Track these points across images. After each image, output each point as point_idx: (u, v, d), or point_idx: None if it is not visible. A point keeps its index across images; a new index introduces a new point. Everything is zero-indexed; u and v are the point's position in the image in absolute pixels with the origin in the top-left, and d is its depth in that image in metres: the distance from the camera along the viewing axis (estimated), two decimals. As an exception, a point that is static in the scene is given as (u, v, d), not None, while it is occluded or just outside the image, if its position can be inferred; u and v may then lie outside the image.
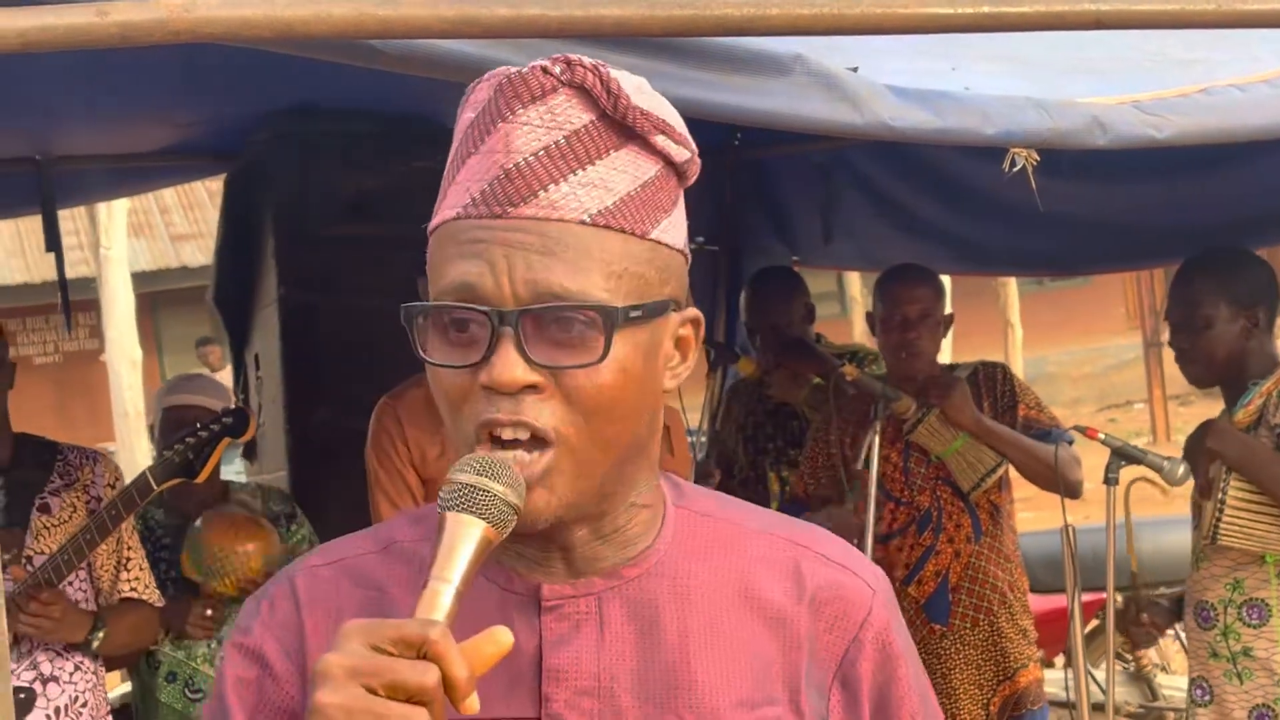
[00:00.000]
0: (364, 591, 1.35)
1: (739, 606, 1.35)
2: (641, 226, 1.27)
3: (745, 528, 1.39)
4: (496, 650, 1.16)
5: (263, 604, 1.37)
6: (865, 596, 1.38)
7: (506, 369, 1.22)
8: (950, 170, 5.01)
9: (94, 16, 1.68)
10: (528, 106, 1.25)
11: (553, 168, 1.24)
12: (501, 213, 1.23)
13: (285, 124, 4.88)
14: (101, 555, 3.78)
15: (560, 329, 1.23)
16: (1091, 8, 2.16)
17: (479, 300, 1.23)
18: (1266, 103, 2.79)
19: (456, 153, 1.29)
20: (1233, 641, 3.65)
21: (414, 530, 1.38)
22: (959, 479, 4.37)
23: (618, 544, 1.34)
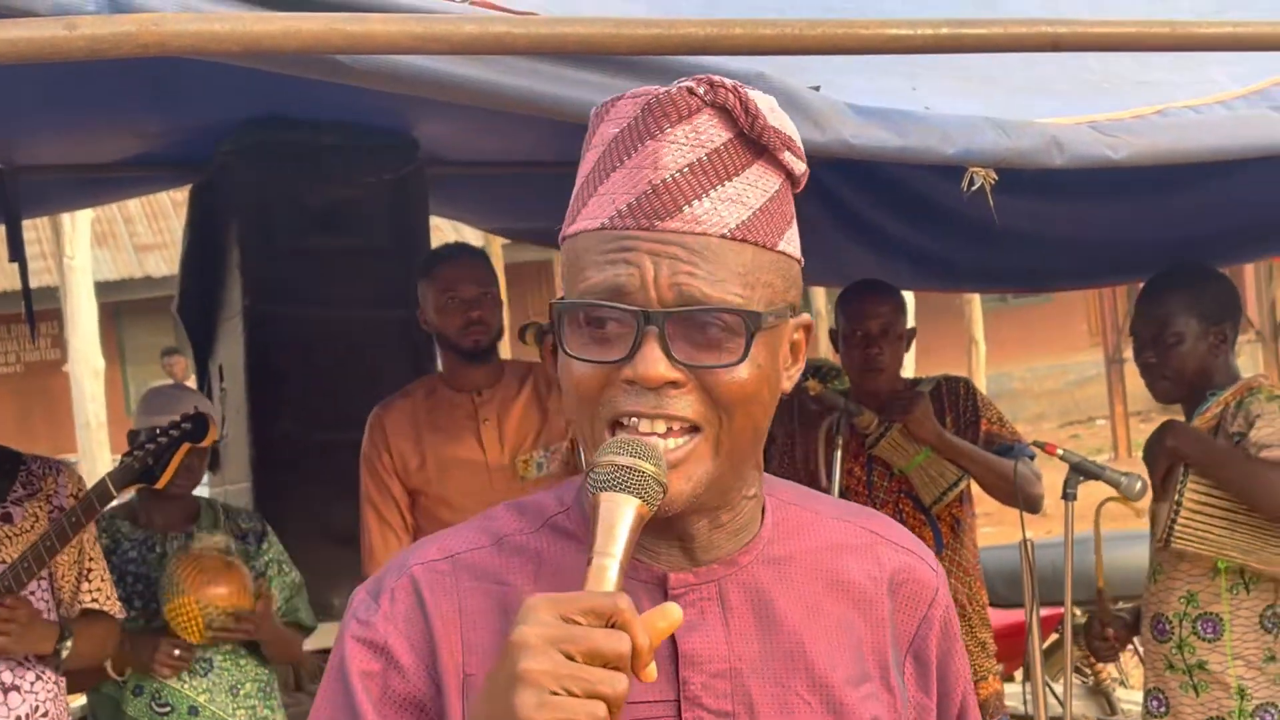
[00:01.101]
0: (485, 585, 1.41)
1: (832, 589, 1.46)
2: (771, 239, 1.37)
3: (824, 515, 1.51)
4: (668, 625, 1.23)
5: (382, 598, 1.41)
6: (933, 579, 1.52)
7: (651, 364, 1.31)
8: (915, 187, 5.04)
9: (62, 29, 1.70)
10: (675, 125, 1.33)
11: (696, 184, 1.33)
12: (649, 226, 1.32)
13: (252, 135, 4.88)
14: (63, 566, 3.77)
15: (701, 331, 1.32)
16: (1049, 30, 2.19)
17: (626, 301, 1.32)
18: (1221, 124, 2.83)
19: (599, 164, 1.37)
20: (1188, 654, 3.69)
21: (521, 522, 1.45)
22: (921, 493, 4.40)
23: (730, 532, 1.42)
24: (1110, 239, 4.87)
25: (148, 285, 17.78)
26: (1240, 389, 3.67)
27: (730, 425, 1.34)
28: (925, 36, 2.16)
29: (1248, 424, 3.56)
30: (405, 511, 4.20)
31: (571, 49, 1.94)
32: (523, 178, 5.65)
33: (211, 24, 1.70)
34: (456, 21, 1.88)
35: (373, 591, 1.42)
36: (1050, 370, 20.99)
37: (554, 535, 1.44)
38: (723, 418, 1.34)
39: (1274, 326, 16.88)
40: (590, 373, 1.34)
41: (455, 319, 4.11)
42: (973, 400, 4.49)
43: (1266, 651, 3.61)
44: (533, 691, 1.16)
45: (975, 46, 2.18)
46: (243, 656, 4.25)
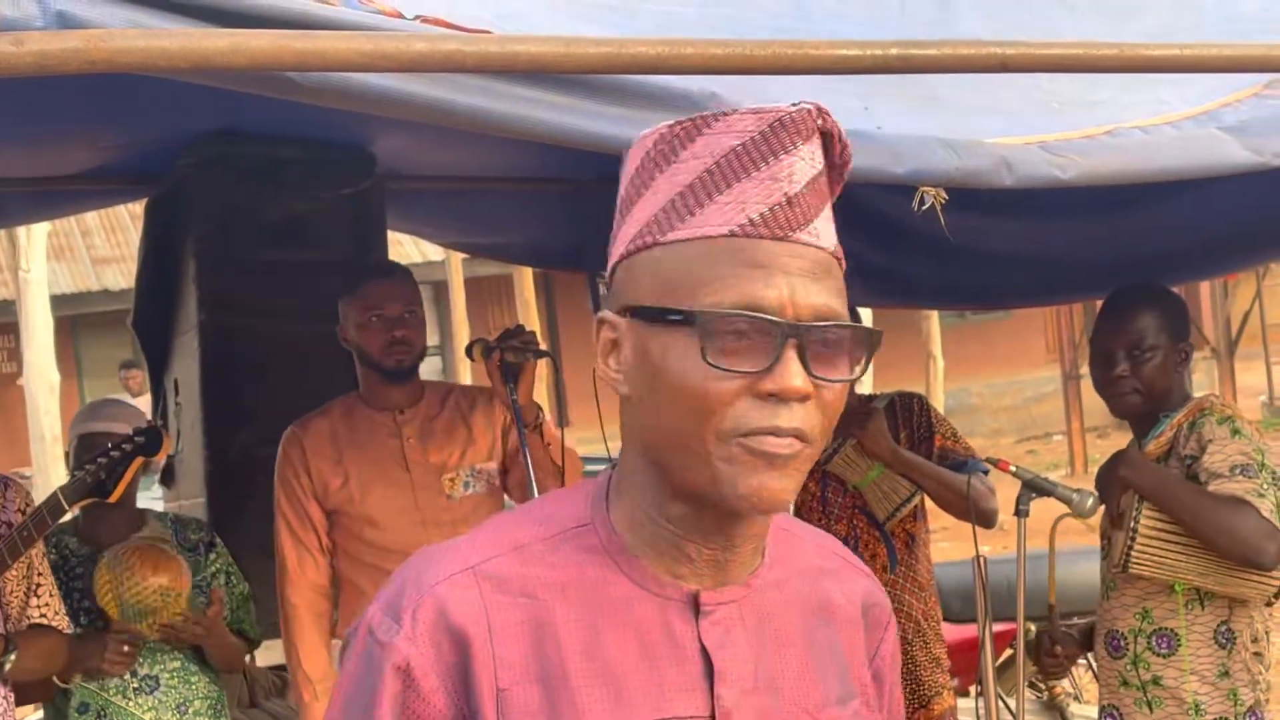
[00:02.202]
0: (511, 599, 1.40)
1: (820, 612, 1.51)
2: (843, 261, 1.42)
3: (804, 539, 1.56)
4: None
5: (403, 616, 1.39)
6: (886, 601, 1.60)
7: (793, 378, 1.33)
8: (871, 205, 5.06)
9: (9, 45, 1.69)
10: (806, 142, 1.37)
11: (816, 201, 1.38)
12: (784, 236, 1.35)
13: (210, 149, 4.86)
14: (11, 581, 3.74)
15: (829, 347, 1.36)
16: (998, 51, 2.22)
17: (767, 313, 1.34)
18: (1170, 145, 2.86)
19: (712, 172, 1.37)
20: (1142, 670, 3.71)
21: (533, 529, 1.44)
22: (874, 508, 4.42)
23: (752, 550, 1.46)
24: (1064, 257, 4.91)
25: (105, 299, 17.69)
26: (1192, 410, 3.70)
27: (823, 437, 1.39)
28: (875, 57, 2.18)
29: (1200, 447, 3.59)
30: (322, 533, 4.15)
31: (522, 67, 1.95)
32: (481, 193, 5.65)
33: (160, 40, 1.69)
34: (407, 39, 1.88)
35: (392, 610, 1.40)
36: (1008, 386, 21.10)
37: (574, 548, 1.43)
38: (823, 430, 1.38)
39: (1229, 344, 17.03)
40: (720, 383, 1.34)
41: (378, 337, 4.06)
42: (927, 416, 4.52)
43: (1220, 666, 3.64)
44: None
45: (925, 67, 2.20)
46: (192, 674, 4.22)
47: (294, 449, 4.15)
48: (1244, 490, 3.45)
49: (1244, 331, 17.27)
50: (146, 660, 4.15)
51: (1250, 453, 3.55)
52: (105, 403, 4.57)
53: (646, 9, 2.70)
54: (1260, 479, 3.48)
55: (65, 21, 1.77)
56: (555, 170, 5.14)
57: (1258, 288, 17.55)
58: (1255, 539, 3.41)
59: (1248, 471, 3.50)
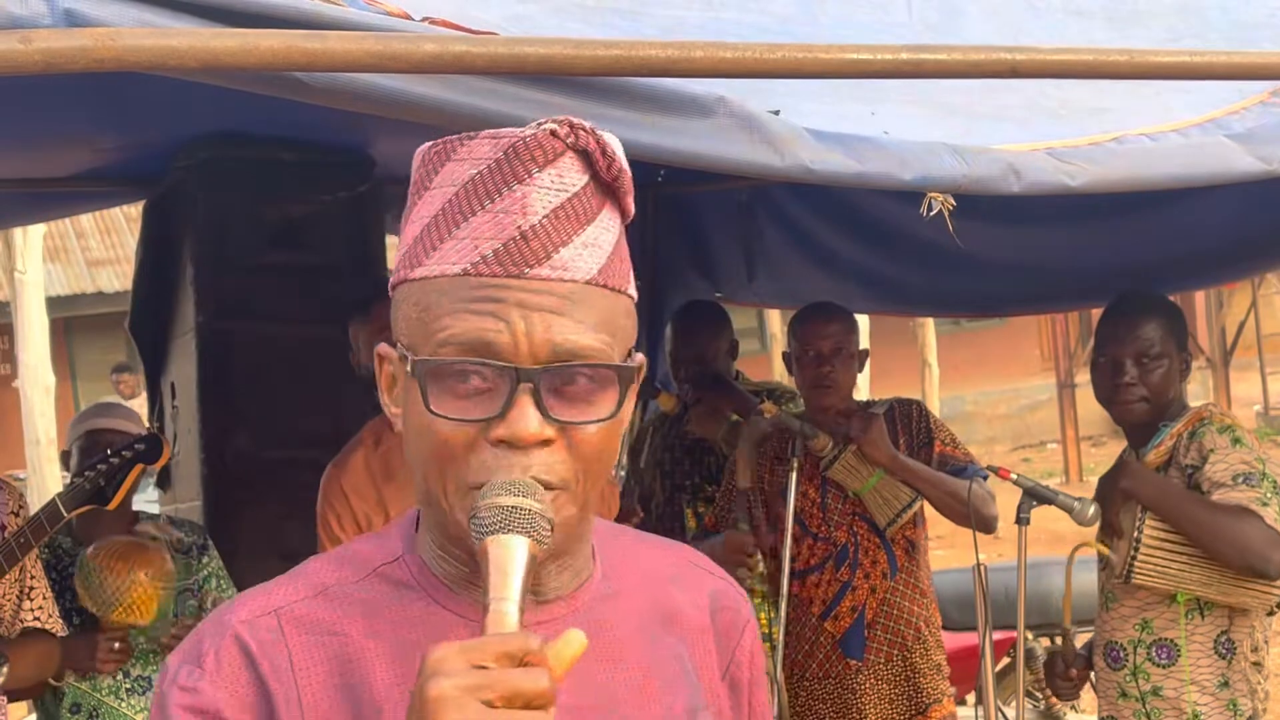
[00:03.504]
0: (315, 637, 1.35)
1: (664, 620, 1.45)
2: (623, 284, 1.35)
3: (641, 546, 1.51)
4: (573, 653, 1.20)
5: (205, 660, 1.33)
6: (745, 607, 1.53)
7: (527, 424, 1.27)
8: (871, 211, 5.07)
9: (17, 44, 1.68)
10: (542, 169, 1.29)
11: (562, 229, 1.29)
12: (519, 273, 1.28)
13: (208, 151, 4.85)
14: (4, 584, 3.72)
15: (574, 385, 1.29)
16: (1007, 57, 2.21)
17: (497, 357, 1.27)
18: (1176, 152, 2.85)
19: (451, 205, 1.31)
20: (1142, 681, 3.70)
21: (342, 572, 1.39)
22: (875, 515, 4.41)
23: (572, 573, 1.40)
24: (1063, 265, 4.91)
25: (99, 301, 17.66)
26: (1192, 419, 3.70)
27: (588, 478, 1.31)
28: (885, 62, 2.17)
29: (1201, 457, 3.59)
30: None
31: (531, 69, 1.94)
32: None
33: (169, 39, 1.68)
34: (416, 40, 1.87)
35: (191, 656, 1.34)
36: (1002, 394, 21.11)
37: (386, 585, 1.38)
38: (582, 472, 1.31)
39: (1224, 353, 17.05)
40: (454, 432, 1.28)
41: None
42: (925, 422, 4.51)
43: (1220, 677, 3.64)
44: None
45: (934, 72, 2.19)
46: (183, 674, 4.21)
47: (336, 494, 4.06)
48: (1247, 499, 3.45)
49: (1239, 341, 17.29)
50: (139, 661, 4.14)
51: (1252, 461, 3.54)
52: (106, 405, 4.57)
53: (653, 12, 2.70)
54: (1263, 488, 3.48)
55: (73, 20, 1.76)
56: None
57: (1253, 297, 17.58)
58: (1261, 548, 3.41)
59: (1250, 480, 3.49)
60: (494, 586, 1.22)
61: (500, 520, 1.24)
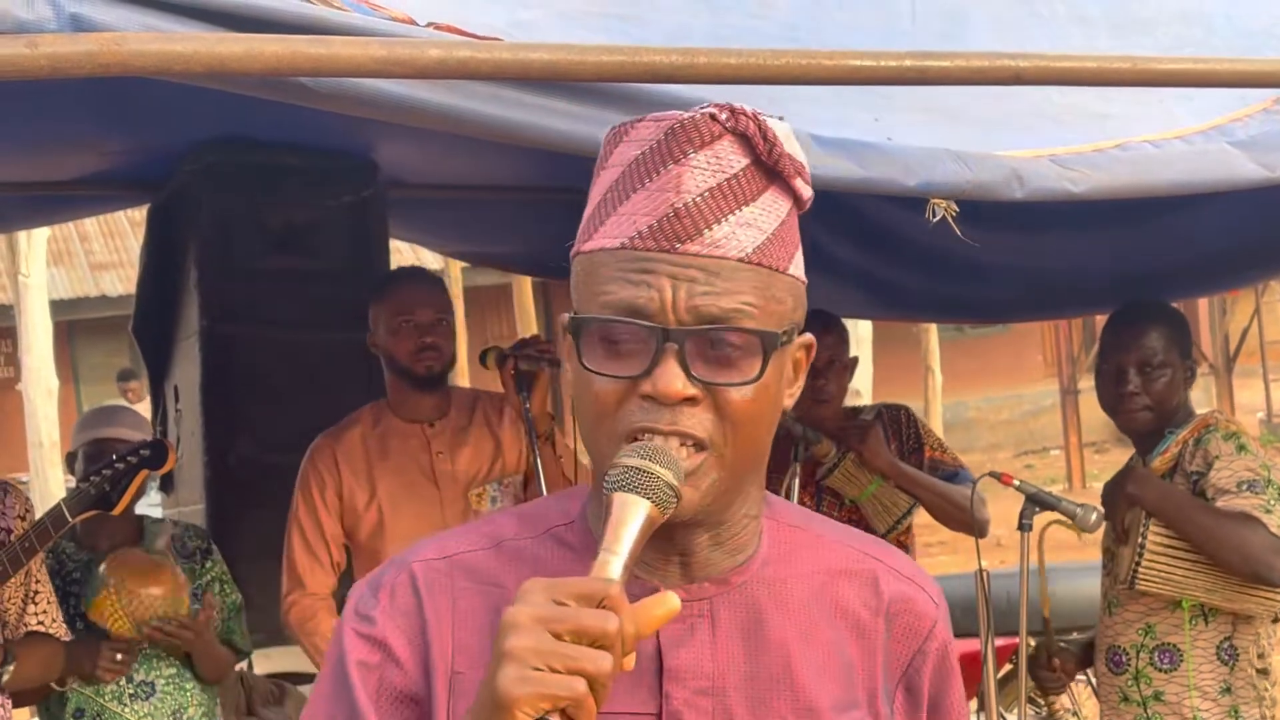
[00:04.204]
0: (480, 586, 1.44)
1: (827, 614, 1.47)
2: (783, 262, 1.40)
3: (827, 539, 1.52)
4: (665, 613, 1.26)
5: (381, 593, 1.44)
6: (932, 611, 1.52)
7: (670, 381, 1.34)
8: (873, 217, 5.06)
9: (23, 48, 1.68)
10: (698, 151, 1.36)
11: (716, 208, 1.36)
12: (670, 248, 1.35)
13: (212, 155, 4.85)
14: (9, 588, 3.72)
15: (719, 349, 1.36)
16: (1011, 64, 2.21)
17: (647, 317, 1.35)
18: (1180, 159, 2.85)
19: (618, 183, 1.40)
20: (1144, 686, 3.70)
21: (521, 527, 1.48)
22: (874, 522, 4.40)
23: (728, 551, 1.44)
24: (1066, 272, 4.91)
25: (103, 304, 17.66)
26: (1197, 426, 3.70)
27: (737, 441, 1.37)
28: (889, 68, 2.17)
29: (1206, 464, 3.59)
30: (334, 548, 4.09)
31: (535, 75, 1.95)
32: (483, 202, 5.65)
33: (175, 44, 1.69)
34: (420, 45, 1.88)
35: (372, 586, 1.45)
36: (1005, 400, 21.10)
37: (555, 545, 1.46)
38: (730, 434, 1.36)
39: (1227, 360, 17.04)
40: (609, 387, 1.36)
41: (408, 343, 4.02)
42: (914, 428, 4.51)
43: (1222, 683, 3.64)
44: (515, 666, 1.20)
45: (938, 79, 2.20)
46: (187, 681, 4.21)
47: (325, 460, 4.09)
48: (1252, 506, 3.45)
49: (1242, 348, 17.28)
50: (142, 666, 4.13)
51: (1257, 468, 3.55)
52: (113, 408, 4.57)
53: (658, 18, 2.70)
54: (1267, 495, 3.49)
55: (79, 24, 1.77)
56: (555, 179, 5.13)
57: (1256, 304, 17.57)
58: (1265, 554, 3.41)
59: (1255, 487, 3.49)
60: (607, 538, 1.28)
61: (625, 479, 1.31)
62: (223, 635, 4.28)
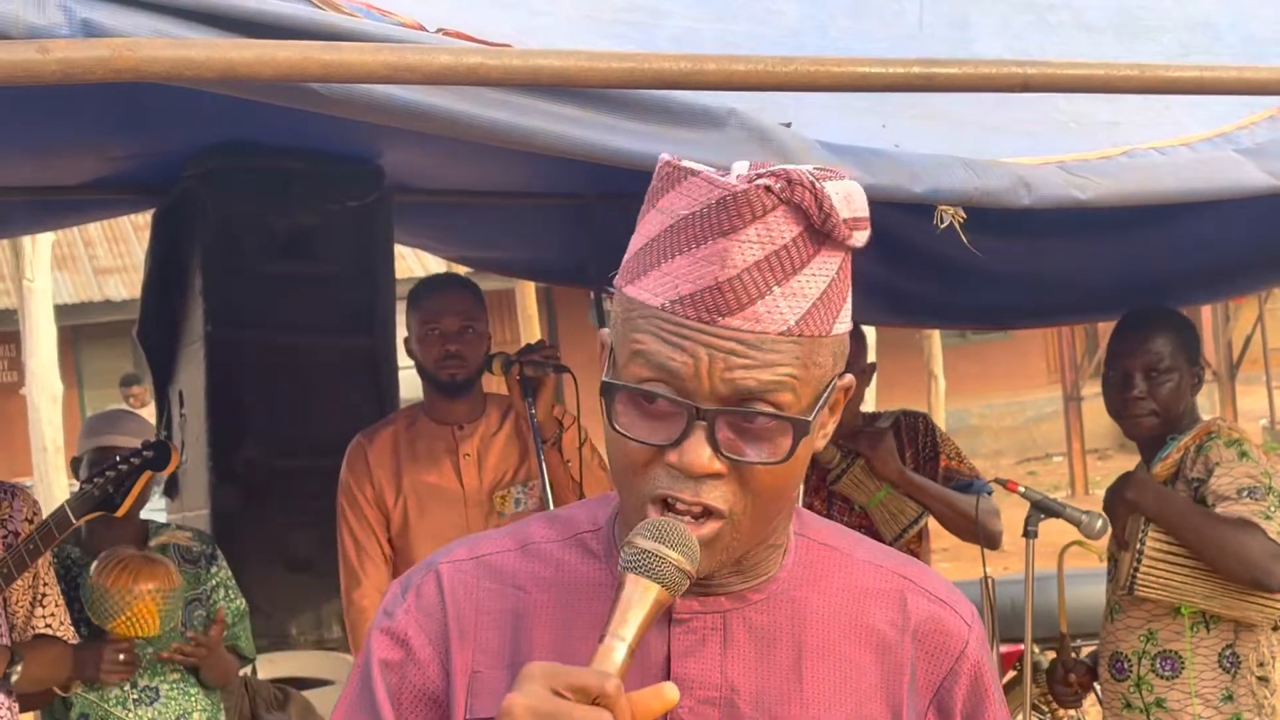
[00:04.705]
0: (503, 588, 1.47)
1: (849, 632, 1.47)
2: (825, 326, 1.37)
3: (856, 558, 1.51)
4: (661, 705, 1.27)
5: (409, 592, 1.48)
6: (963, 631, 1.50)
7: (698, 457, 1.33)
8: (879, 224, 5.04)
9: (35, 53, 1.69)
10: (748, 225, 1.32)
11: (762, 281, 1.33)
12: (710, 320, 1.33)
13: (217, 160, 4.86)
14: (16, 590, 3.72)
15: (749, 424, 1.34)
16: (1019, 71, 2.21)
17: (681, 387, 1.33)
18: (1186, 166, 2.85)
19: (664, 237, 1.36)
20: (1146, 693, 3.70)
21: (550, 530, 1.51)
22: (882, 530, 4.40)
23: (748, 576, 1.45)
24: (1070, 278, 4.91)
25: (107, 309, 17.66)
26: (1199, 433, 3.70)
27: (757, 511, 1.37)
28: (897, 75, 2.18)
29: (1207, 470, 3.59)
30: (382, 539, 4.18)
31: (545, 81, 1.95)
32: (487, 207, 5.66)
33: (187, 50, 1.69)
34: (431, 52, 1.88)
35: (403, 587, 1.49)
36: (1008, 407, 21.09)
37: (579, 550, 1.48)
38: (750, 505, 1.36)
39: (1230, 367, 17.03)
40: (640, 450, 1.36)
41: (433, 350, 4.08)
42: (931, 436, 4.50)
43: (1224, 691, 3.63)
44: None
45: (947, 86, 2.20)
46: (191, 686, 4.21)
47: (359, 459, 4.18)
48: (1250, 512, 3.45)
49: (1245, 355, 17.27)
50: (146, 671, 4.13)
51: (1258, 475, 3.54)
52: (118, 414, 4.56)
53: (665, 25, 2.70)
54: (1267, 501, 3.48)
55: (91, 30, 1.77)
56: (560, 185, 5.14)
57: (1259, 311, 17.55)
58: (1262, 561, 3.41)
59: (1255, 494, 3.49)
60: (614, 621, 1.29)
61: (637, 561, 1.31)
62: (228, 641, 4.28)
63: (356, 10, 2.10)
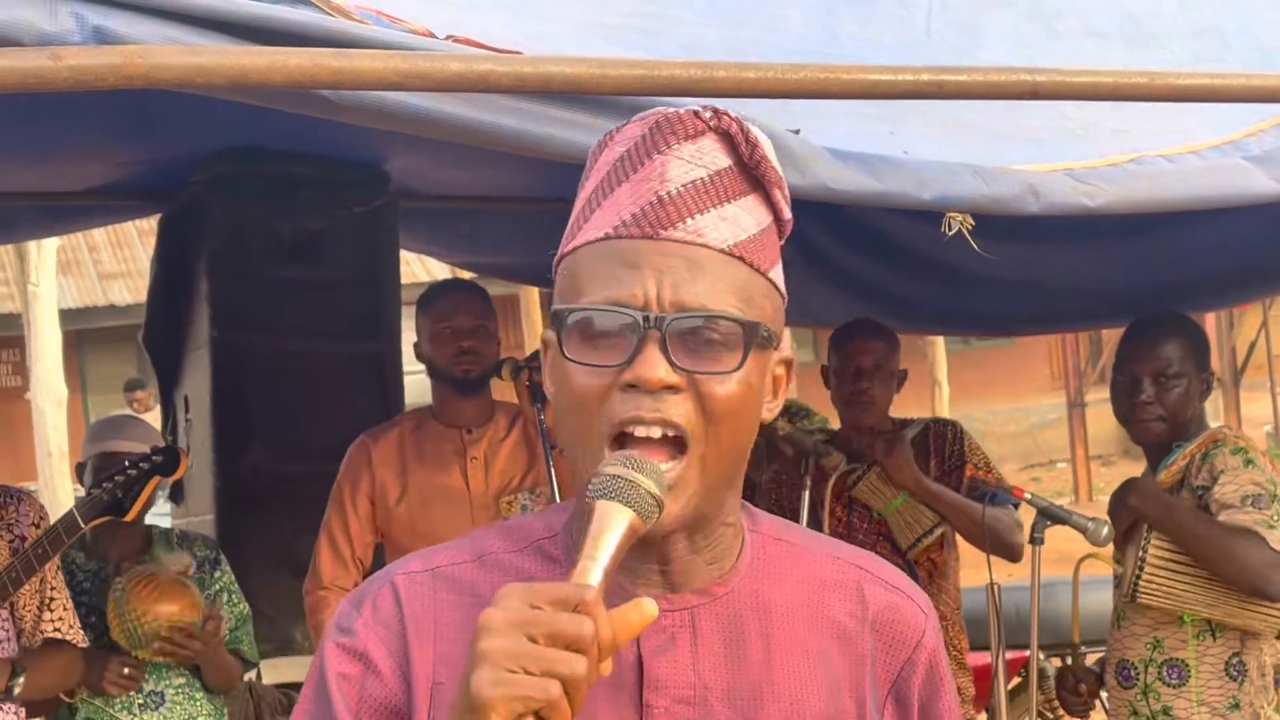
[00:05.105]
0: (462, 598, 1.44)
1: (812, 625, 1.46)
2: (764, 264, 1.40)
3: (811, 551, 1.51)
4: (641, 619, 1.25)
5: (365, 605, 1.45)
6: (920, 620, 1.51)
7: (653, 367, 1.33)
8: (884, 230, 5.07)
9: (47, 60, 1.69)
10: (682, 143, 1.38)
11: (699, 199, 1.37)
12: (653, 234, 1.36)
13: (223, 165, 4.87)
14: (24, 596, 3.73)
15: (700, 338, 1.35)
16: (1028, 79, 2.21)
17: (629, 308, 1.35)
18: (1194, 174, 2.85)
19: (602, 183, 1.40)
20: (1153, 700, 3.70)
21: (505, 541, 1.48)
22: (897, 537, 4.38)
23: (708, 559, 1.44)
24: (1076, 285, 4.91)
25: (111, 314, 17.67)
26: (1205, 441, 3.70)
27: (717, 439, 1.36)
28: (906, 82, 2.18)
29: (1212, 478, 3.58)
30: (358, 546, 4.18)
31: (556, 88, 1.95)
32: (493, 213, 5.66)
33: (198, 57, 1.69)
34: (441, 59, 1.88)
35: (355, 600, 1.46)
36: (1012, 413, 21.07)
37: (538, 557, 1.46)
38: (710, 430, 1.36)
39: (1234, 373, 17.01)
40: (590, 379, 1.36)
41: (448, 348, 4.12)
42: (960, 444, 4.47)
43: (1230, 699, 3.63)
44: (489, 668, 1.20)
45: (956, 93, 2.20)
46: (197, 691, 4.21)
47: (360, 457, 4.20)
48: (1254, 521, 3.45)
49: (1250, 361, 17.26)
50: (152, 676, 4.14)
51: (1263, 484, 3.54)
52: (123, 419, 4.57)
53: (673, 31, 2.71)
54: (1271, 510, 3.48)
55: (102, 37, 1.77)
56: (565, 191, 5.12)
57: (1264, 318, 17.54)
58: (1263, 569, 3.41)
59: (1259, 502, 3.49)
60: (587, 546, 1.27)
61: (608, 487, 1.30)
62: (230, 645, 4.28)
63: (366, 17, 2.11)
